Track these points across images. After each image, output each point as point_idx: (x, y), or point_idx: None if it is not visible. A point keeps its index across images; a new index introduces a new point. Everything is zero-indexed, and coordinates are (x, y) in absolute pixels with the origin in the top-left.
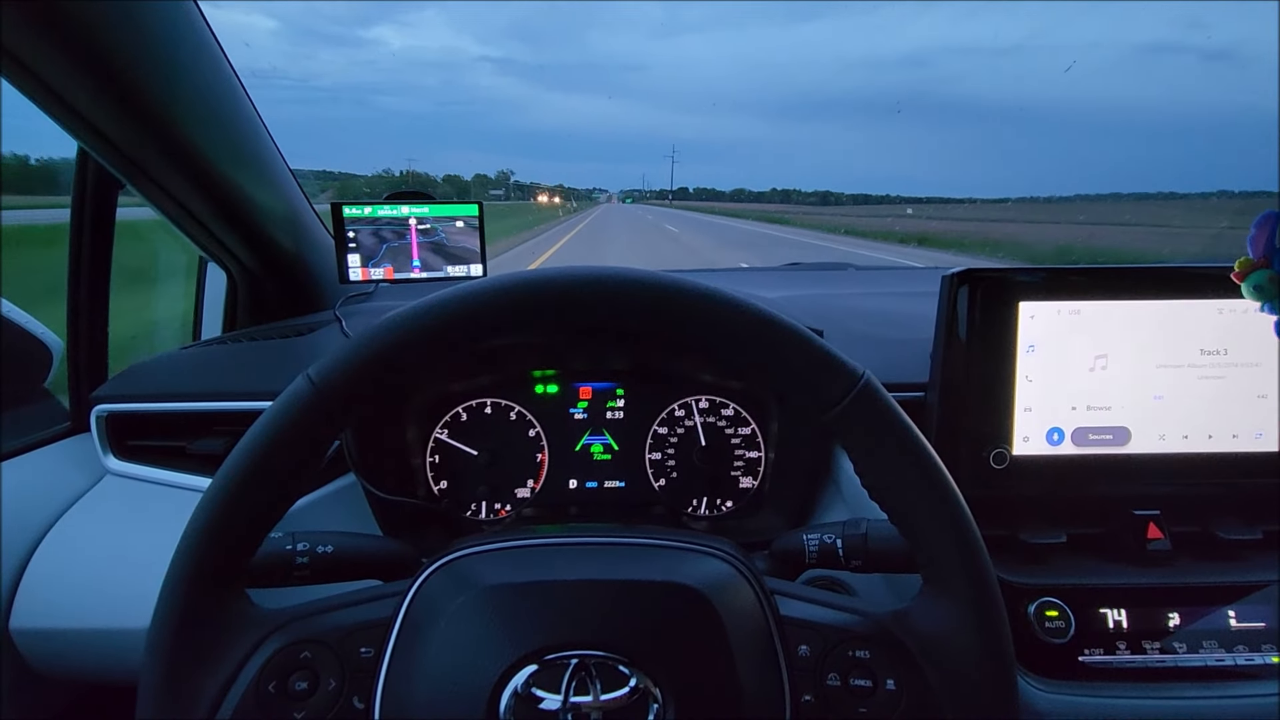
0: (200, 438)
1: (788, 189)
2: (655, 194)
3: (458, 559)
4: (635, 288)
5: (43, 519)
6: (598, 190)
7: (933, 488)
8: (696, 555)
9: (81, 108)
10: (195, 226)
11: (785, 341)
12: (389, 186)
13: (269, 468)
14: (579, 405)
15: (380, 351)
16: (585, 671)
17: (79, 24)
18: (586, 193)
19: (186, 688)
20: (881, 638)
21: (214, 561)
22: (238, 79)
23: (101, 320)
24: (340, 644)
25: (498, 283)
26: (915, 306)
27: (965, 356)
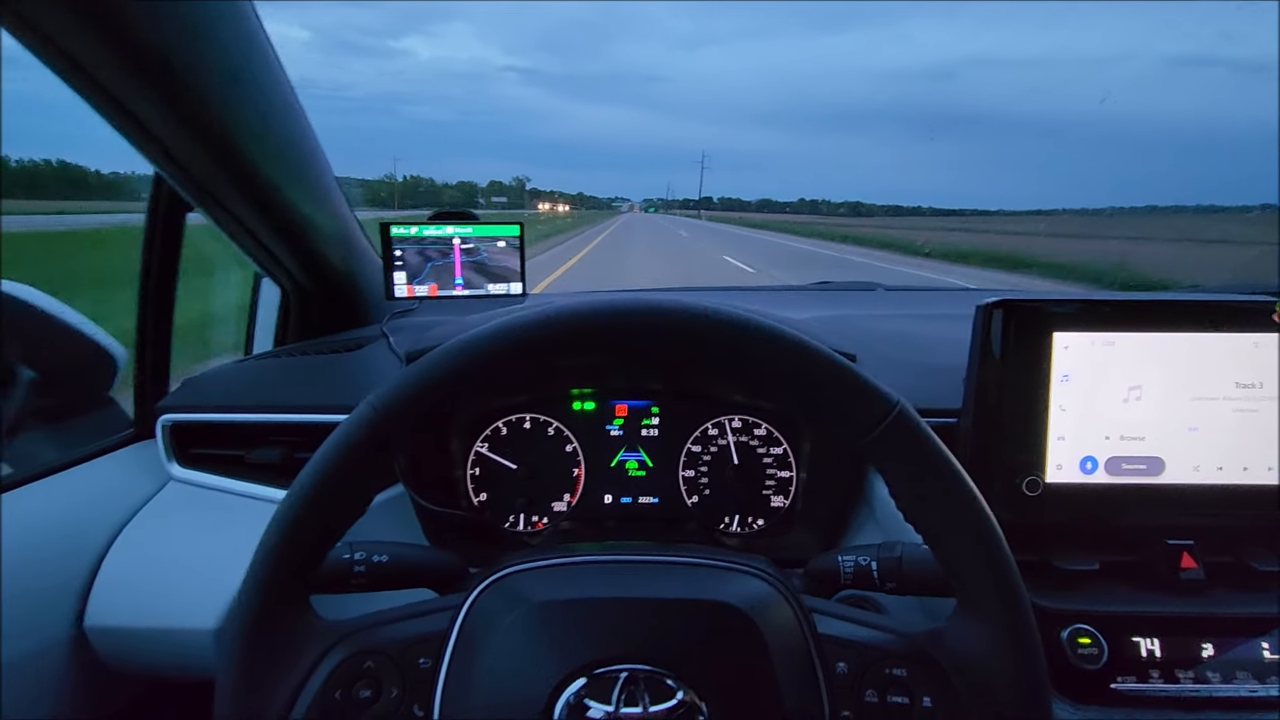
0: (258, 447)
1: (816, 199)
2: (679, 203)
3: (507, 576)
4: (677, 318)
5: (114, 522)
6: (619, 199)
7: (967, 513)
8: (737, 574)
9: (161, 134)
10: (255, 245)
11: (821, 369)
12: (390, 192)
13: (335, 488)
14: (615, 422)
15: (438, 382)
16: (634, 685)
17: (160, 53)
18: (607, 202)
19: (260, 693)
20: (917, 656)
21: (285, 573)
22: (298, 101)
23: (166, 333)
24: (400, 655)
25: (549, 313)
26: (944, 330)
27: (999, 384)
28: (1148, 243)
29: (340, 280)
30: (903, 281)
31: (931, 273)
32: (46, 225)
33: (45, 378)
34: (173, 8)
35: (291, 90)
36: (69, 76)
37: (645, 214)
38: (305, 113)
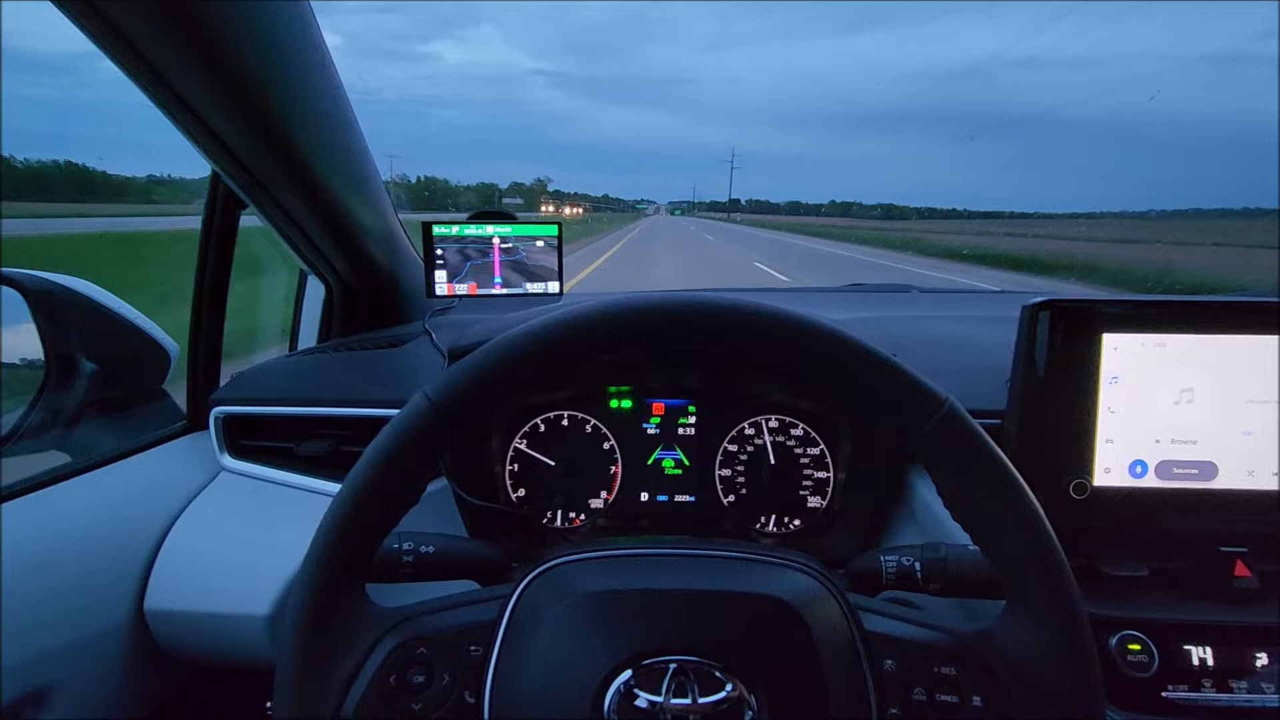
0: (305, 440)
1: (847, 202)
2: (705, 205)
3: (555, 567)
4: (730, 313)
5: (170, 510)
6: (644, 201)
7: (1018, 512)
8: (783, 569)
9: (224, 133)
10: (305, 243)
11: (870, 366)
12: (399, 194)
13: (390, 478)
14: (652, 420)
15: (494, 373)
16: (683, 676)
17: (228, 53)
18: (631, 204)
19: (319, 677)
20: (966, 656)
21: (343, 560)
22: (348, 101)
23: (218, 329)
24: (452, 642)
25: (607, 306)
26: (983, 331)
27: (1045, 386)
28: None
29: (383, 278)
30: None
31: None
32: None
33: (105, 370)
34: (241, 9)
35: (343, 91)
36: (140, 77)
37: (671, 216)
38: (355, 113)
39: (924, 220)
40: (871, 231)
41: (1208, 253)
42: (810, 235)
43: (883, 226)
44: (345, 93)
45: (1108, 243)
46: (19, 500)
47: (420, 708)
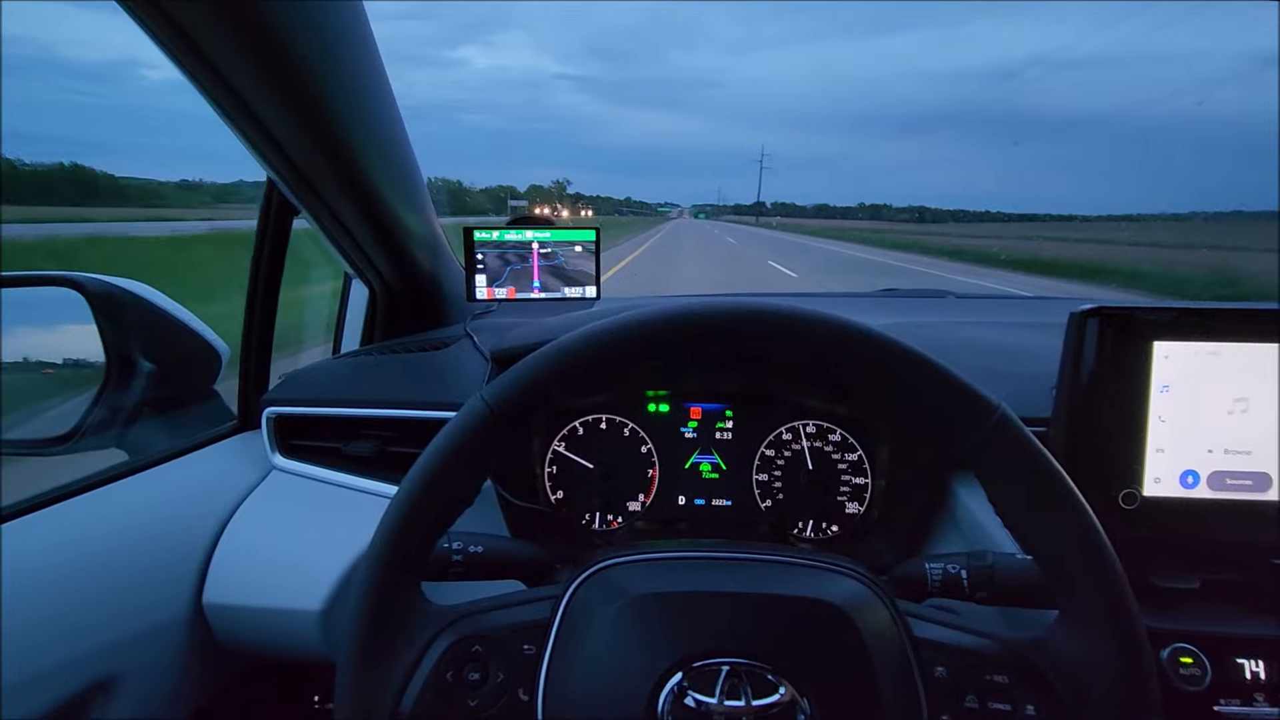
0: (353, 440)
1: (877, 204)
2: (730, 208)
3: (606, 568)
4: (784, 319)
5: (226, 506)
6: (667, 204)
7: (1073, 522)
8: (832, 574)
9: (283, 139)
10: (353, 247)
11: (920, 373)
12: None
13: (448, 479)
14: (689, 425)
15: (550, 377)
16: (736, 678)
17: (291, 58)
18: (654, 207)
19: (378, 672)
20: (1019, 664)
21: (401, 560)
22: (397, 106)
23: (269, 332)
24: (506, 640)
25: (665, 313)
26: (1022, 338)
27: (1093, 394)
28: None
29: (426, 282)
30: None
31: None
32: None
33: (161, 370)
34: (303, 14)
35: (393, 96)
36: (207, 85)
37: (695, 220)
38: (402, 118)
39: (959, 224)
40: (909, 237)
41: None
42: (845, 240)
43: (920, 230)
44: (394, 98)
45: (1150, 247)
46: (84, 496)
47: (476, 704)
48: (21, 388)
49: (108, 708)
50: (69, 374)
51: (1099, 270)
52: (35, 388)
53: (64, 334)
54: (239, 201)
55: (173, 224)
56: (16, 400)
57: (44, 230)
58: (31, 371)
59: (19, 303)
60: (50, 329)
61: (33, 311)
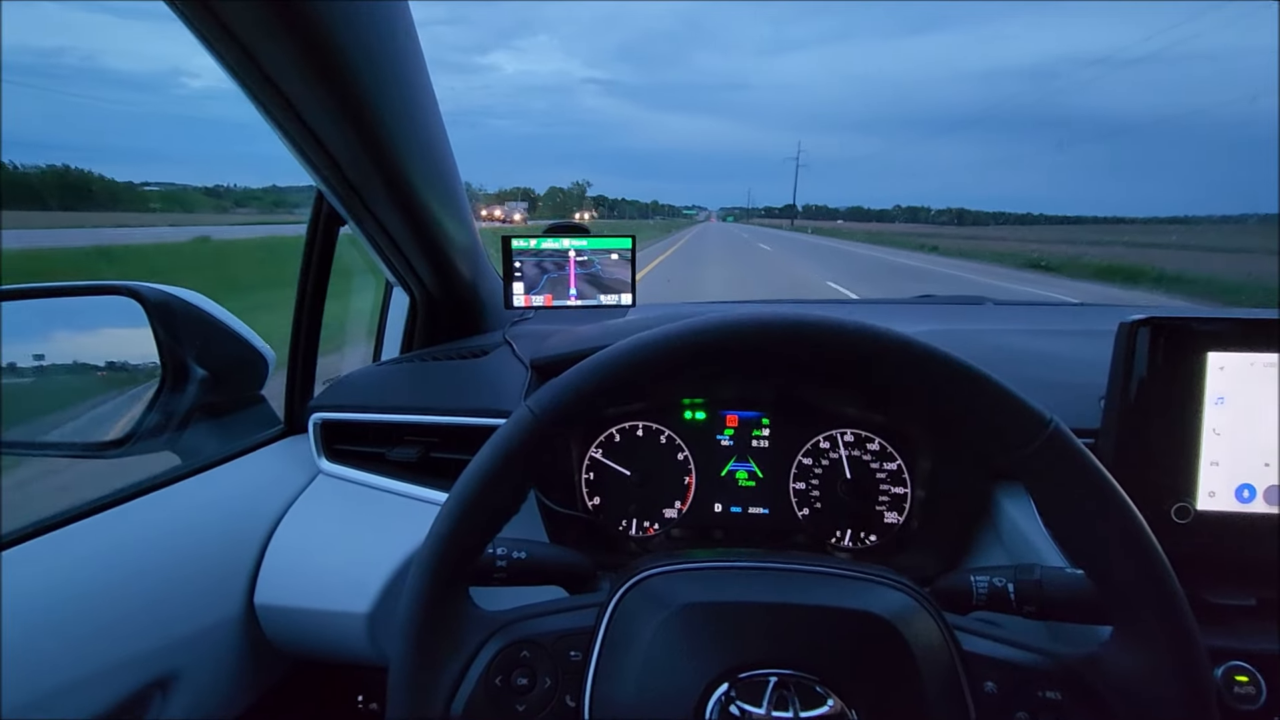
0: (396, 446)
1: (915, 206)
2: (760, 211)
3: (650, 577)
4: (832, 332)
5: (275, 509)
6: (694, 207)
7: (1130, 537)
8: (878, 586)
9: (335, 149)
10: (398, 256)
11: (970, 384)
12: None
13: (496, 487)
14: (725, 432)
15: (596, 387)
16: (784, 689)
17: (344, 68)
18: (679, 210)
19: (430, 675)
20: (1072, 681)
21: (451, 565)
22: (440, 115)
23: (315, 339)
24: (553, 646)
25: (714, 324)
26: (1063, 346)
27: (1145, 406)
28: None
29: (465, 290)
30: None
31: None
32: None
33: (213, 376)
34: (355, 22)
35: (437, 105)
36: (260, 93)
37: (722, 223)
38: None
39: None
40: (960, 242)
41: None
42: (894, 246)
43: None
44: (438, 106)
45: (1200, 251)
46: (141, 499)
47: (524, 709)
48: (81, 391)
49: (165, 704)
50: (125, 379)
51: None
52: (92, 390)
53: (123, 340)
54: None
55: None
56: (77, 403)
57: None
58: (91, 376)
59: (82, 311)
60: (111, 336)
61: (95, 318)
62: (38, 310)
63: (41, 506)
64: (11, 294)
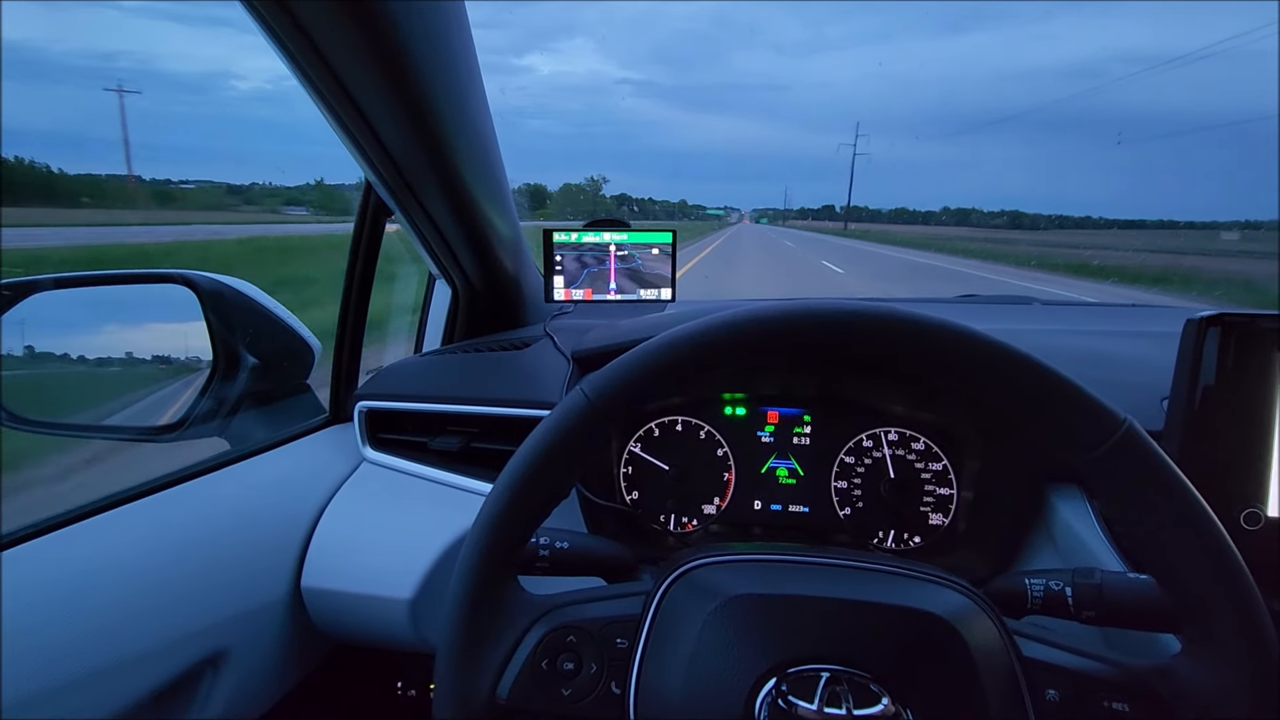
0: (439, 436)
1: (965, 209)
2: (795, 213)
3: (699, 567)
4: (891, 323)
5: (322, 494)
6: (726, 208)
7: (1207, 542)
8: (934, 585)
9: (390, 142)
10: (444, 248)
11: (1041, 382)
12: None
13: (548, 472)
14: (766, 429)
15: (651, 373)
16: (836, 685)
17: (403, 62)
18: (705, 210)
19: (477, 658)
20: (1140, 692)
21: (500, 550)
22: (489, 110)
23: (361, 330)
24: (600, 633)
25: (767, 311)
26: (1116, 346)
27: (1213, 407)
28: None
29: (507, 283)
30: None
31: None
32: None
33: (263, 364)
34: (416, 17)
35: (486, 99)
36: (323, 87)
37: (756, 225)
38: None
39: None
40: (1047, 249)
41: None
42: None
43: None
44: (488, 101)
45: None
46: (194, 482)
47: (569, 694)
48: (139, 377)
49: (217, 680)
50: (179, 365)
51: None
52: (148, 376)
53: (178, 328)
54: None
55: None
56: (134, 387)
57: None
58: (147, 361)
59: (139, 299)
60: (166, 323)
61: (151, 306)
62: (98, 297)
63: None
64: (73, 281)
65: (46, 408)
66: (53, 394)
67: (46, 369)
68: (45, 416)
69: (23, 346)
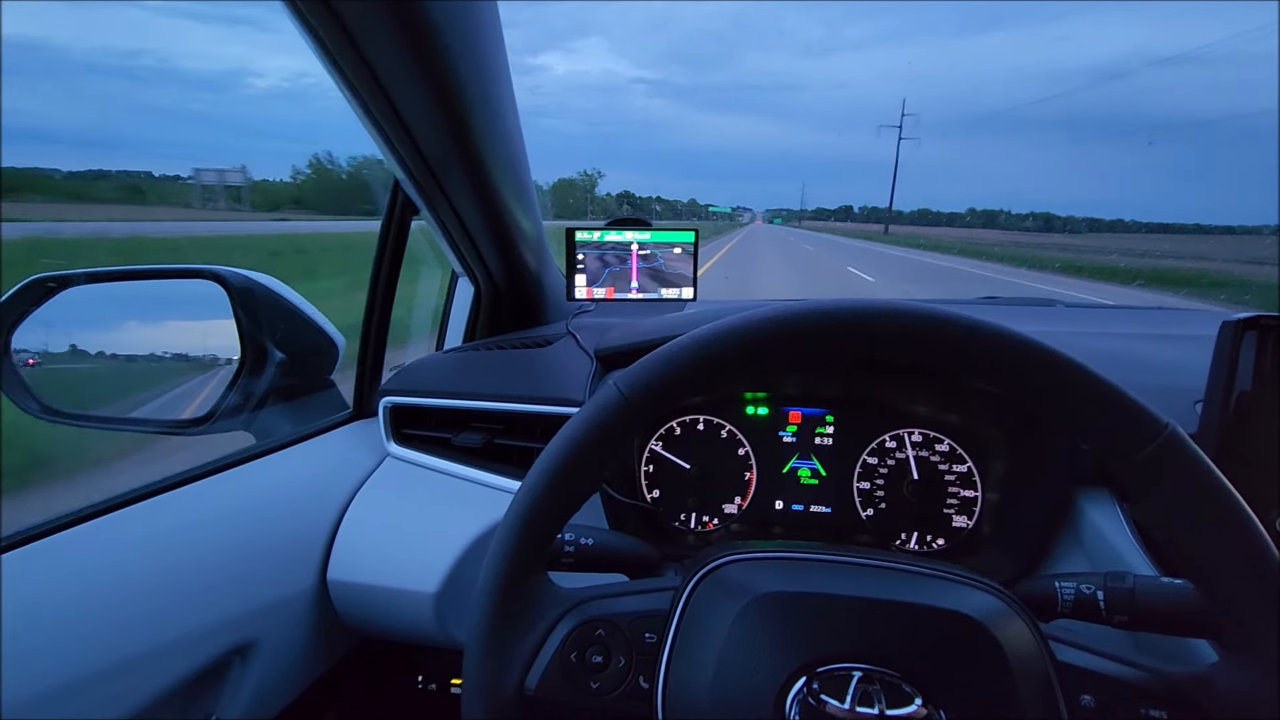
0: (462, 432)
1: (992, 210)
2: (811, 213)
3: (728, 564)
4: (931, 324)
5: (347, 488)
6: (739, 208)
7: (1250, 548)
8: (966, 587)
9: (422, 140)
10: (468, 246)
11: (1084, 386)
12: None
13: (579, 465)
14: (788, 429)
15: (685, 368)
16: (868, 685)
17: (437, 63)
18: (708, 209)
19: (507, 649)
20: (1178, 700)
21: (530, 542)
22: (517, 108)
23: (385, 327)
24: (628, 627)
25: (806, 309)
26: (1145, 348)
27: (1249, 410)
28: None
29: (530, 280)
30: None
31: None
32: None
33: (290, 360)
34: (453, 17)
35: (514, 96)
36: (358, 84)
37: (770, 225)
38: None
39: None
40: (1137, 259)
41: None
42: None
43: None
44: (515, 98)
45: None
46: (221, 475)
47: (598, 687)
48: (167, 370)
49: (244, 671)
50: (208, 359)
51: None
52: (177, 369)
53: (207, 322)
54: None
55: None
56: (163, 380)
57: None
58: (176, 355)
59: (170, 293)
60: (196, 317)
61: (182, 300)
62: (129, 291)
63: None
64: (105, 275)
65: (78, 399)
66: (84, 386)
67: (79, 362)
68: (76, 409)
69: (56, 340)
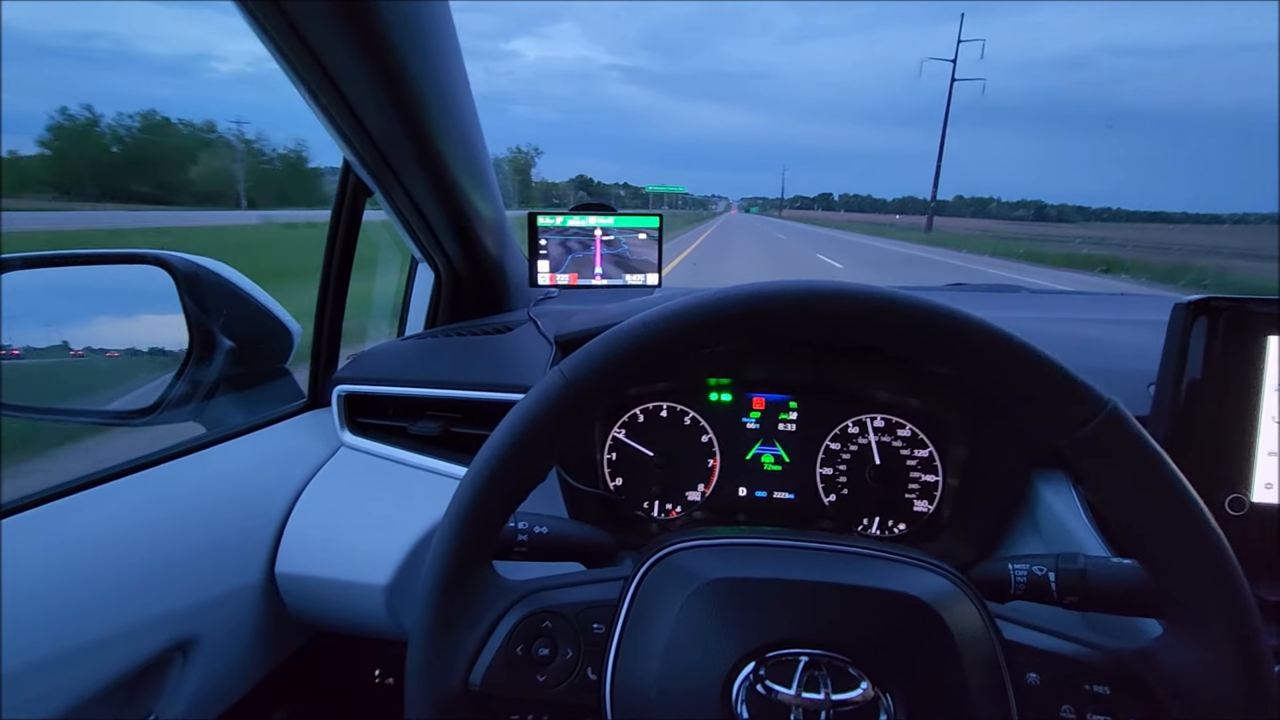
0: (418, 420)
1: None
2: (789, 202)
3: (678, 551)
4: (876, 303)
5: (298, 480)
6: (715, 197)
7: (1190, 525)
8: (917, 569)
9: (370, 121)
10: (426, 231)
11: (1023, 362)
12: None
13: (523, 453)
14: (751, 415)
15: (629, 354)
16: (815, 669)
17: (384, 40)
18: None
19: (450, 643)
20: (1121, 675)
21: (474, 534)
22: (471, 92)
23: (340, 313)
24: (575, 618)
25: (749, 291)
26: (1104, 333)
27: (1199, 392)
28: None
29: (491, 266)
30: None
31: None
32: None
33: (240, 348)
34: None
35: (467, 79)
36: (299, 65)
37: (745, 215)
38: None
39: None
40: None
41: None
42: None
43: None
44: (469, 82)
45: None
46: (165, 465)
47: (545, 679)
48: (109, 360)
49: (186, 667)
50: (153, 350)
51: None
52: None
53: (152, 311)
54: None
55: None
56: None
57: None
58: (119, 345)
59: (112, 279)
60: (140, 305)
61: (124, 287)
62: (68, 278)
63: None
64: (42, 261)
65: (16, 391)
66: (23, 378)
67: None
68: (14, 400)
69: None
